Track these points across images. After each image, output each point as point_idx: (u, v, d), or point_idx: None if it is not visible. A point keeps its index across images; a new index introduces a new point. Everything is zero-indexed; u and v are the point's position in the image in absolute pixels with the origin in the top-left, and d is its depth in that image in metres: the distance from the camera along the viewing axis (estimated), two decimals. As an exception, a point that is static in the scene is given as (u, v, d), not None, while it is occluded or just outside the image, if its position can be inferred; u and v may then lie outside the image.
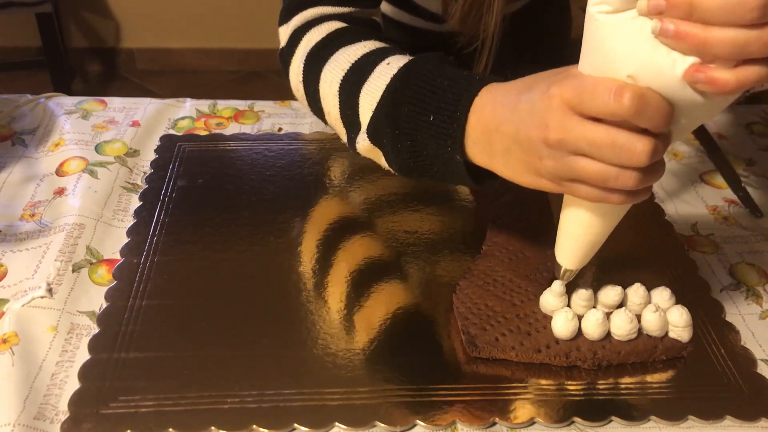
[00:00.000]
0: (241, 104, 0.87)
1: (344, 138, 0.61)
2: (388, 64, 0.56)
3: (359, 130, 0.58)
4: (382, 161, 0.58)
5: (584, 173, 0.44)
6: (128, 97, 0.87)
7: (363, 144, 0.58)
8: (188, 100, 0.87)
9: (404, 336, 0.58)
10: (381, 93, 0.55)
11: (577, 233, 0.51)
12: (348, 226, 0.69)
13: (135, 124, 0.82)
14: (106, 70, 2.56)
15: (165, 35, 2.52)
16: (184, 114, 0.84)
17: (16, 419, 0.50)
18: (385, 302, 0.61)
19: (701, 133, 0.85)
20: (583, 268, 0.54)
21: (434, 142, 0.52)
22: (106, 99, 0.86)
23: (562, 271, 0.55)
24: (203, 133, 0.81)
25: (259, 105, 0.86)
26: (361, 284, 0.62)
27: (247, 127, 0.83)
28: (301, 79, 0.65)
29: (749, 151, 0.84)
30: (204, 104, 0.86)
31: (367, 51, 0.59)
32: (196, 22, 2.49)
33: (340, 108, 0.60)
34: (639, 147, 0.41)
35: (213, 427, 0.50)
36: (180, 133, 0.81)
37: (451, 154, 0.51)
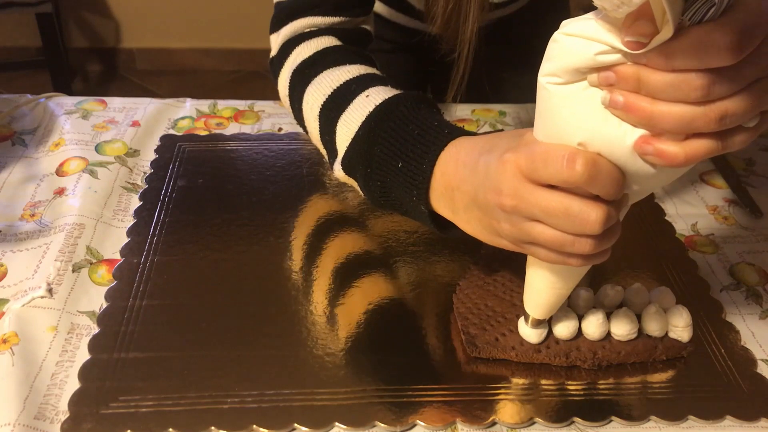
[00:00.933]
0: (241, 104, 0.87)
1: (325, 158, 0.62)
2: (367, 96, 0.57)
3: (336, 156, 0.59)
4: (358, 190, 0.59)
5: (540, 239, 0.44)
6: (128, 97, 0.87)
7: (339, 173, 0.59)
8: (188, 100, 0.87)
9: (404, 336, 0.58)
10: (357, 127, 0.56)
11: (541, 288, 0.52)
12: (348, 227, 0.69)
13: (135, 124, 0.82)
14: (106, 70, 2.56)
15: (165, 35, 2.52)
16: (184, 114, 0.84)
17: (16, 419, 0.50)
18: (384, 302, 0.61)
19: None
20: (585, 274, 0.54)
21: (401, 189, 0.52)
22: (106, 99, 0.86)
23: (530, 319, 0.55)
24: (203, 133, 0.81)
25: (259, 105, 0.86)
26: (361, 284, 0.62)
27: (247, 127, 0.83)
28: (287, 93, 0.66)
29: (749, 151, 0.84)
30: (204, 104, 0.86)
31: (351, 77, 0.60)
32: (196, 22, 2.49)
33: (319, 131, 0.61)
34: (593, 216, 0.41)
35: (213, 427, 0.50)
36: (180, 133, 0.81)
37: (417, 204, 0.52)
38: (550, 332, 0.56)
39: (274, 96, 0.91)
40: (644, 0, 0.33)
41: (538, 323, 0.55)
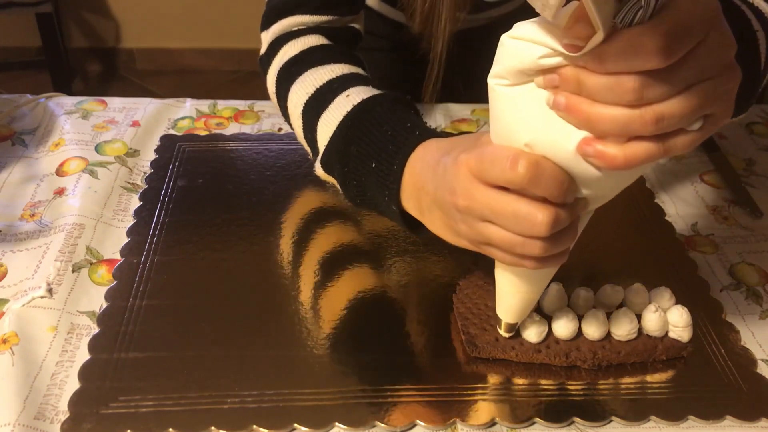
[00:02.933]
0: (241, 104, 0.87)
1: (309, 155, 0.63)
2: (347, 96, 0.58)
3: (318, 154, 0.60)
4: (339, 188, 0.59)
5: (493, 240, 0.44)
6: (128, 97, 0.87)
7: (319, 170, 0.60)
8: (188, 100, 0.87)
9: (404, 336, 0.58)
10: (335, 126, 0.57)
11: (508, 292, 0.52)
12: (347, 227, 0.69)
13: (135, 124, 0.82)
14: (106, 70, 2.56)
15: (165, 35, 2.52)
16: (184, 114, 0.84)
17: (16, 419, 0.50)
18: (384, 302, 0.61)
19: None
20: (585, 268, 0.55)
21: (375, 189, 0.53)
22: (106, 99, 0.86)
23: (503, 323, 0.55)
24: (203, 133, 0.81)
25: (259, 105, 0.86)
26: (361, 284, 0.62)
27: (247, 127, 0.83)
28: (274, 90, 0.67)
29: (749, 151, 0.84)
30: (204, 104, 0.86)
31: (333, 76, 0.61)
32: (196, 22, 2.49)
33: (303, 129, 0.62)
34: (539, 218, 0.41)
35: (213, 427, 0.50)
36: (180, 133, 0.81)
37: (389, 204, 0.52)
38: (550, 332, 0.56)
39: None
40: (560, 1, 0.34)
41: (510, 327, 0.55)
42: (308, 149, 0.63)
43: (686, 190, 0.77)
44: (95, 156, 0.76)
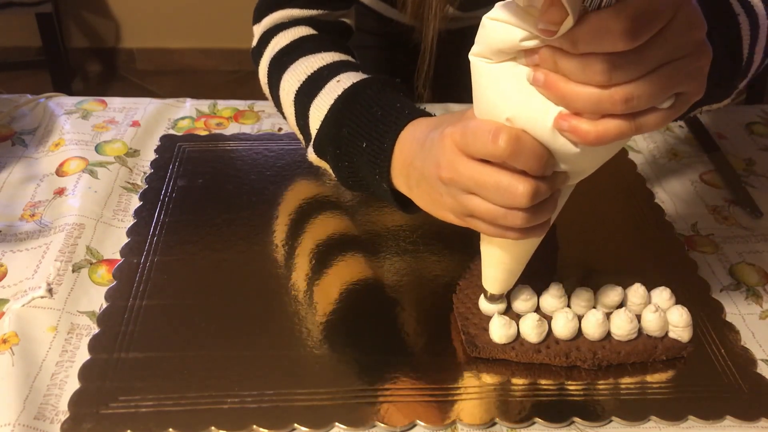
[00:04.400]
0: (241, 104, 0.87)
1: (302, 142, 0.64)
2: (338, 81, 0.59)
3: (310, 140, 0.61)
4: (331, 172, 0.60)
5: (476, 211, 0.46)
6: (128, 97, 0.87)
7: (311, 155, 0.61)
8: (188, 100, 0.87)
9: (404, 336, 0.58)
10: (326, 110, 0.58)
11: (493, 264, 0.54)
12: (348, 227, 0.69)
13: (135, 124, 0.82)
14: (106, 70, 2.56)
15: (165, 35, 2.52)
16: (184, 114, 0.84)
17: (16, 419, 0.50)
18: (385, 302, 0.61)
19: (701, 133, 0.85)
20: (584, 268, 0.55)
21: (366, 168, 0.54)
22: (106, 99, 0.86)
23: (488, 294, 0.56)
24: (203, 133, 0.81)
25: (259, 105, 0.86)
26: (361, 284, 0.62)
27: (247, 127, 0.83)
28: (266, 81, 0.68)
29: (749, 151, 0.84)
30: (204, 104, 0.86)
31: (324, 64, 0.62)
32: (196, 22, 2.49)
33: (295, 117, 0.63)
34: (520, 189, 0.43)
35: (213, 427, 0.50)
36: (180, 133, 0.81)
37: (379, 182, 0.54)
38: (550, 332, 0.56)
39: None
40: None
41: (495, 298, 0.56)
42: (301, 137, 0.64)
43: (686, 190, 0.77)
44: (95, 156, 0.76)
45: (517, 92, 0.41)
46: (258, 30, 0.70)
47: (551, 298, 0.57)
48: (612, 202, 0.75)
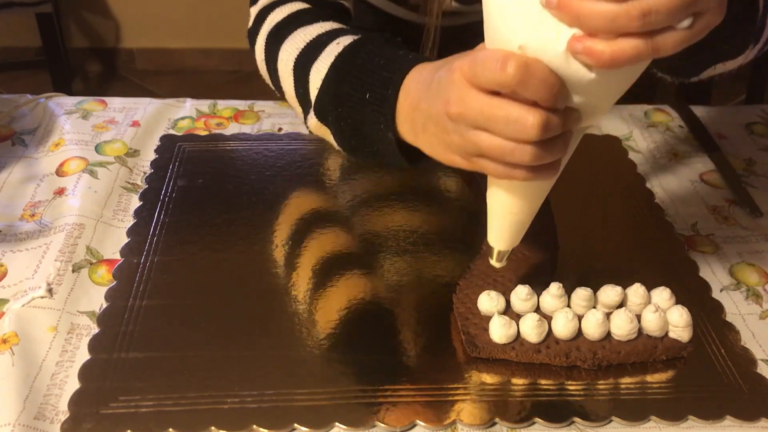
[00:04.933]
0: (241, 104, 0.87)
1: (301, 116, 0.63)
2: (337, 43, 0.58)
3: (310, 106, 0.60)
4: (332, 139, 0.59)
5: (484, 147, 0.44)
6: (128, 97, 0.87)
7: (312, 121, 0.60)
8: (188, 100, 0.87)
9: (404, 336, 0.58)
10: (327, 69, 0.57)
11: (501, 213, 0.51)
12: (348, 227, 0.69)
13: (135, 124, 0.82)
14: (106, 70, 2.56)
15: (165, 35, 2.52)
16: (184, 114, 0.84)
17: (16, 419, 0.50)
18: (384, 302, 0.61)
19: (701, 133, 0.85)
20: (584, 268, 0.54)
21: (370, 120, 0.53)
22: (106, 99, 0.86)
23: (494, 252, 0.54)
24: (203, 133, 0.81)
25: (259, 105, 0.86)
26: (361, 284, 0.62)
27: (247, 127, 0.83)
28: (263, 57, 0.67)
29: (749, 151, 0.84)
30: (204, 104, 0.86)
31: (323, 31, 0.61)
32: (196, 22, 2.48)
33: (294, 86, 0.62)
34: (530, 120, 0.41)
35: (213, 427, 0.50)
36: (180, 133, 0.81)
37: (384, 132, 0.52)
38: (550, 332, 0.56)
39: (274, 96, 0.91)
40: None
41: (501, 256, 0.54)
42: (300, 110, 0.63)
43: (686, 190, 0.77)
44: (95, 156, 0.76)
45: (528, 18, 0.40)
46: (254, 11, 0.70)
47: (551, 298, 0.57)
48: (612, 202, 0.75)
